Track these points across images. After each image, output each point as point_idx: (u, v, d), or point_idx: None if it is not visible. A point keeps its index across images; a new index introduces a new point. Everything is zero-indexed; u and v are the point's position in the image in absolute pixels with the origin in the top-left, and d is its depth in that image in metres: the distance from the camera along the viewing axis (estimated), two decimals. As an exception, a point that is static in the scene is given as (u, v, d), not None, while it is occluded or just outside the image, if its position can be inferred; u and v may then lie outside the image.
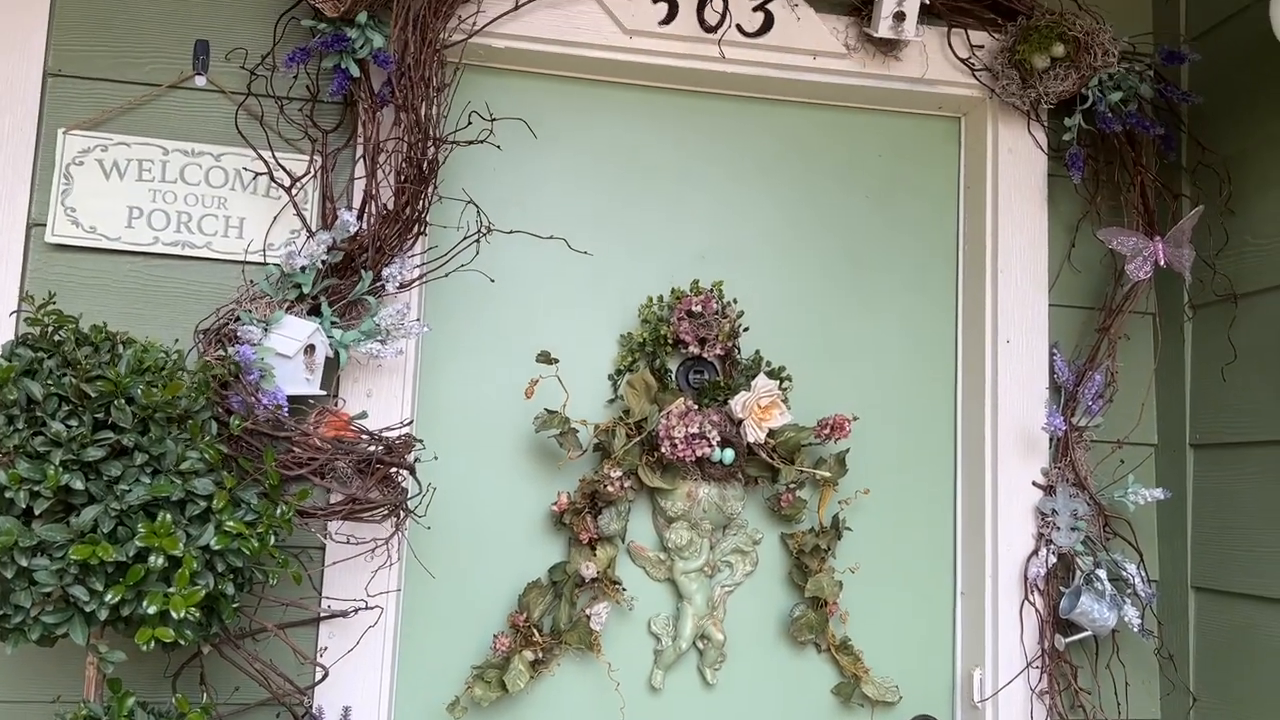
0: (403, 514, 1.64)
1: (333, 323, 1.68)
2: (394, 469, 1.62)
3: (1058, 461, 1.95)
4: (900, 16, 1.89)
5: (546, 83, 1.99)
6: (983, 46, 2.00)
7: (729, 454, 1.85)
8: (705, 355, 1.91)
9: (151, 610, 1.27)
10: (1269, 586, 1.80)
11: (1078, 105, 1.95)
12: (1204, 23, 2.03)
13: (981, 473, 1.98)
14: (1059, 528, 1.91)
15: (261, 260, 1.73)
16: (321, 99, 1.79)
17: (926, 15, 1.93)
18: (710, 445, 1.80)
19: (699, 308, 1.88)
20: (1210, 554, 1.93)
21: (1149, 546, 2.00)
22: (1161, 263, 1.89)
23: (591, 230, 1.98)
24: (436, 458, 1.81)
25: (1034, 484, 1.95)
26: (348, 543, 1.68)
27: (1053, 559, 1.91)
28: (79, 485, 1.28)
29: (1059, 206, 2.04)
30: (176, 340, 1.61)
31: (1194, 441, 1.98)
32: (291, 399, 1.61)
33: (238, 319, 1.62)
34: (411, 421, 1.79)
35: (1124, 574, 1.88)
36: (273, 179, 1.73)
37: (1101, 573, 1.87)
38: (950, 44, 2.00)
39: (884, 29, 1.90)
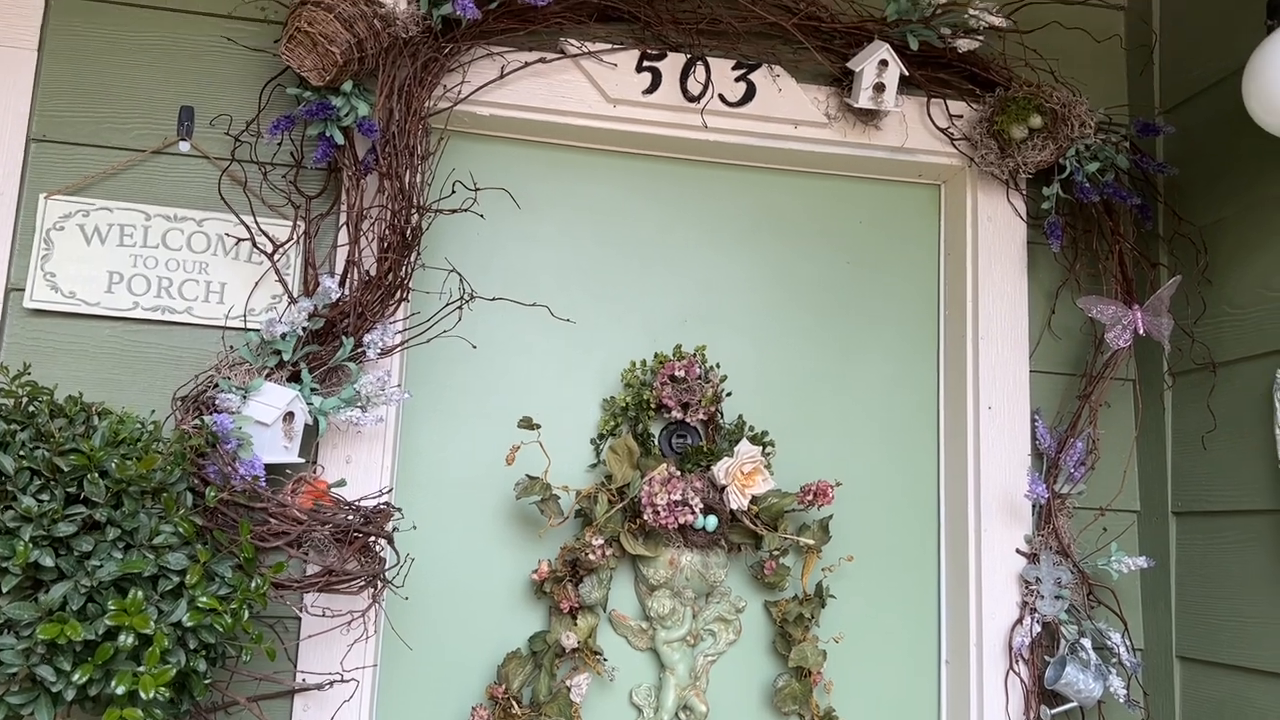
0: (380, 585, 1.62)
1: (313, 389, 1.67)
2: (372, 539, 1.60)
3: (1041, 529, 1.95)
4: (880, 88, 1.92)
5: (531, 150, 2.00)
6: (961, 116, 2.03)
7: (712, 521, 1.84)
8: (688, 420, 1.90)
9: (120, 690, 1.24)
10: (1254, 657, 1.79)
11: (1056, 175, 1.98)
12: (1177, 96, 2.07)
13: (965, 539, 1.97)
14: (1043, 596, 1.90)
15: (242, 326, 1.72)
16: (305, 166, 1.79)
17: (906, 86, 1.96)
18: (693, 512, 1.79)
19: (682, 372, 1.88)
20: (1195, 623, 1.92)
21: (1133, 615, 1.99)
22: (1140, 331, 1.91)
23: (574, 295, 1.98)
24: (415, 527, 1.79)
25: (1017, 551, 1.94)
26: (324, 615, 1.65)
27: (1037, 628, 1.89)
28: (49, 562, 1.25)
29: (1038, 274, 2.06)
30: (153, 411, 1.59)
31: (1176, 509, 1.98)
32: (269, 467, 1.59)
33: (216, 386, 1.61)
34: (391, 489, 1.77)
35: (1109, 643, 1.87)
36: (255, 244, 1.73)
37: (1086, 642, 1.85)
38: (930, 114, 2.03)
39: (864, 100, 1.93)
